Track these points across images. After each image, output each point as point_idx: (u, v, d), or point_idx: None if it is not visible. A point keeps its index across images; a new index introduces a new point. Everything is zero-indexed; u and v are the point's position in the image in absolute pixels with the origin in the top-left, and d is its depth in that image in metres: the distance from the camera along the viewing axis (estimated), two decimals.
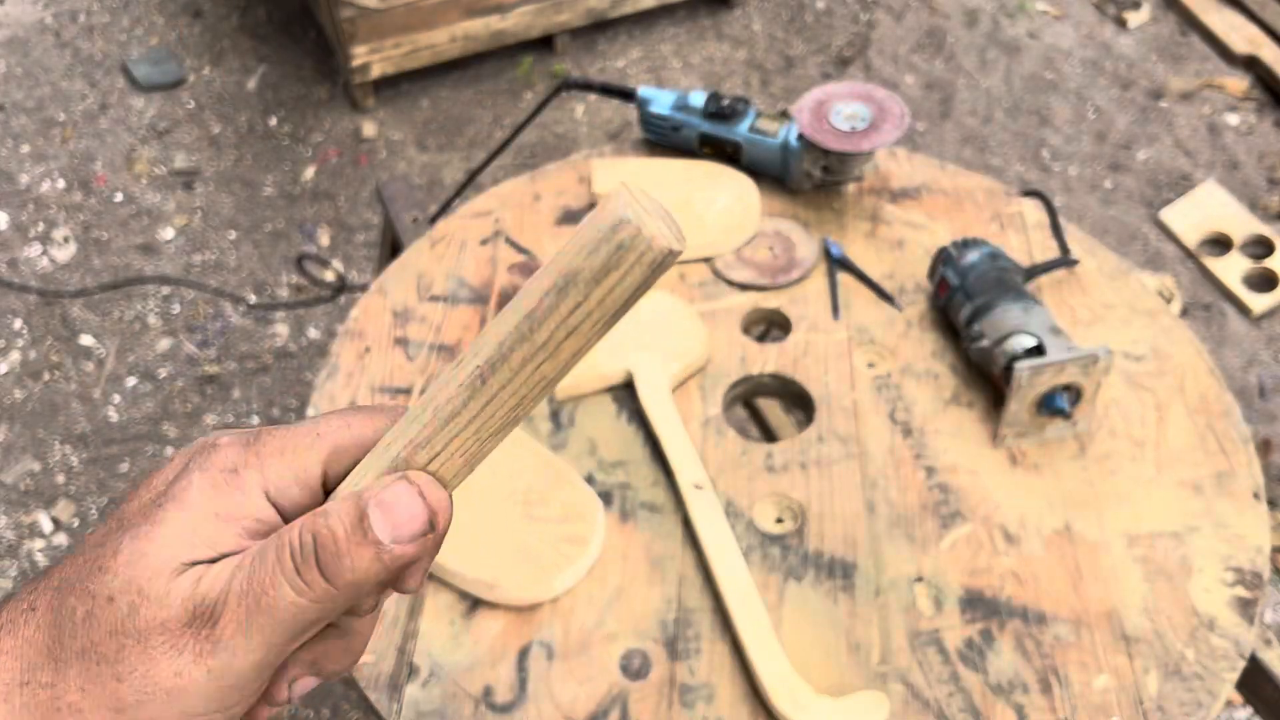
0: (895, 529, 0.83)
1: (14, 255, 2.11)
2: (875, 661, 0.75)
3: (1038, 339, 0.86)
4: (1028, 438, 0.88)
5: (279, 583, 0.31)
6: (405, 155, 2.29)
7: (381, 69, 2.28)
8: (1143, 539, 0.82)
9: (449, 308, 0.99)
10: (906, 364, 0.94)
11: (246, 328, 2.00)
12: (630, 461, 0.86)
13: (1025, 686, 0.74)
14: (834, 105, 1.02)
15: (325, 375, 0.93)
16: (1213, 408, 0.90)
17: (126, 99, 2.39)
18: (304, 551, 0.31)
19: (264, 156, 2.29)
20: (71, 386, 1.92)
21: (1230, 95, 2.37)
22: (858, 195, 1.07)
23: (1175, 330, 0.96)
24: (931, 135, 2.31)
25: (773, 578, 0.80)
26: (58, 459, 1.82)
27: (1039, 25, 2.54)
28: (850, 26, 2.53)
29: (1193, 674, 0.75)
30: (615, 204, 0.31)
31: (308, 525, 0.32)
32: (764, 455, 0.87)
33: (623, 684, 0.74)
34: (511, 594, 0.77)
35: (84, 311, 2.02)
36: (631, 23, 2.52)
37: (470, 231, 1.05)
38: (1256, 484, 0.85)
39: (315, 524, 0.32)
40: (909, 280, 1.00)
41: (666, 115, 1.08)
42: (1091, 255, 1.02)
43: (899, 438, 0.88)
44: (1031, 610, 0.78)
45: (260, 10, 2.58)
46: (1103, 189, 2.21)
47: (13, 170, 2.25)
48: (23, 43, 2.52)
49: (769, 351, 0.94)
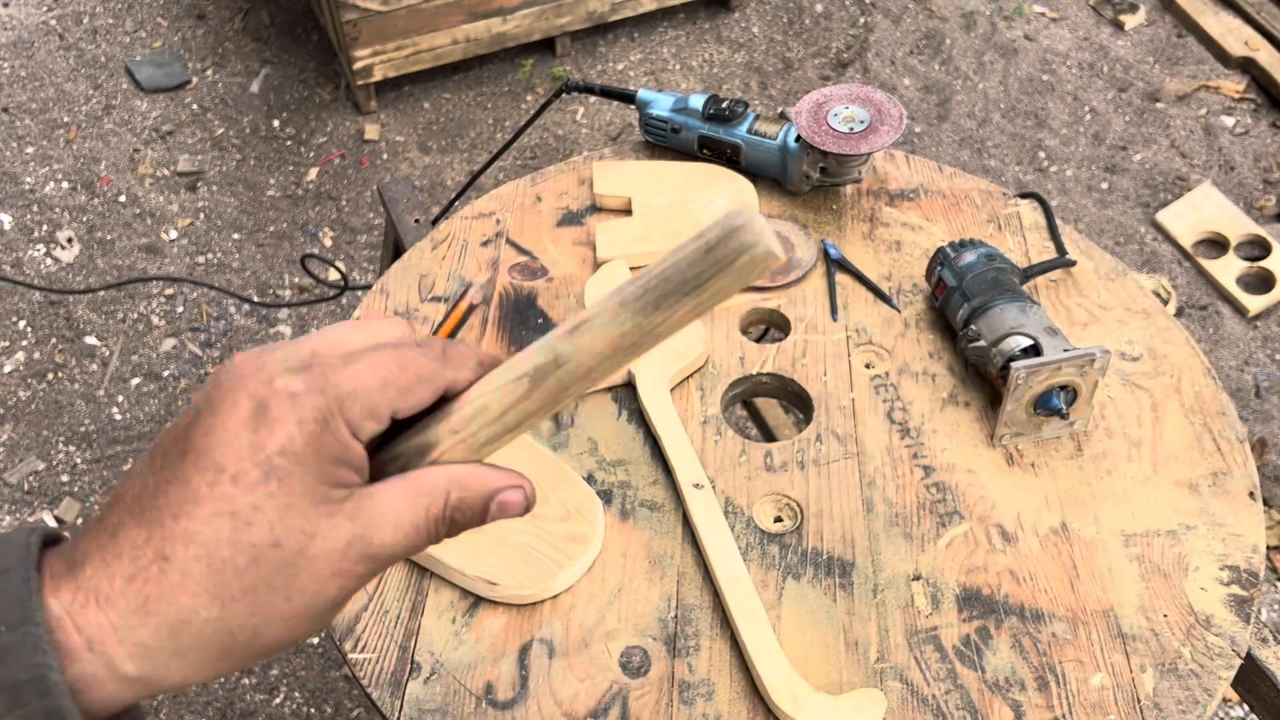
0: (893, 528, 0.83)
1: (18, 256, 2.11)
2: (873, 659, 0.76)
3: (1034, 339, 0.87)
4: (1024, 437, 0.88)
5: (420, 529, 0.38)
6: (407, 157, 2.30)
7: (384, 72, 2.28)
8: (1139, 538, 0.83)
9: (450, 308, 0.99)
10: (904, 364, 0.94)
11: (250, 328, 2.01)
12: (630, 460, 0.87)
13: (1022, 684, 0.75)
14: (832, 107, 1.02)
15: None
16: (1209, 407, 0.91)
17: (130, 101, 2.40)
18: (446, 516, 0.39)
19: (267, 158, 2.30)
20: (75, 386, 1.92)
21: (1226, 97, 2.37)
22: (856, 197, 1.08)
23: (1171, 331, 0.97)
24: (929, 137, 2.32)
25: (771, 576, 0.80)
26: (62, 458, 1.83)
27: (1036, 28, 2.54)
28: (848, 30, 2.54)
29: (1189, 672, 0.75)
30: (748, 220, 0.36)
31: (452, 501, 0.39)
32: (763, 454, 0.88)
33: (623, 681, 0.75)
34: (512, 592, 0.78)
35: (88, 312, 2.03)
36: (632, 26, 2.53)
37: (472, 233, 1.06)
38: (1252, 483, 0.86)
39: (458, 499, 0.39)
40: (906, 281, 1.01)
41: (666, 117, 1.09)
42: (1088, 256, 1.02)
43: (897, 437, 0.89)
44: (1029, 608, 0.79)
45: (263, 13, 2.59)
46: (1099, 190, 2.22)
47: (17, 172, 2.26)
48: (27, 45, 2.53)
49: (768, 352, 0.95)
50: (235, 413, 0.35)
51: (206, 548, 0.34)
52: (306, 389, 0.35)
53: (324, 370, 0.36)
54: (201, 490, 0.34)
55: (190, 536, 0.34)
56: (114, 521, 0.35)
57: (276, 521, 0.34)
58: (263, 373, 0.35)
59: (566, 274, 1.02)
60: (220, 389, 0.36)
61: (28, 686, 0.31)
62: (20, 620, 0.32)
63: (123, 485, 0.36)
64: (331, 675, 1.60)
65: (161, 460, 0.35)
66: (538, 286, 1.01)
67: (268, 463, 0.34)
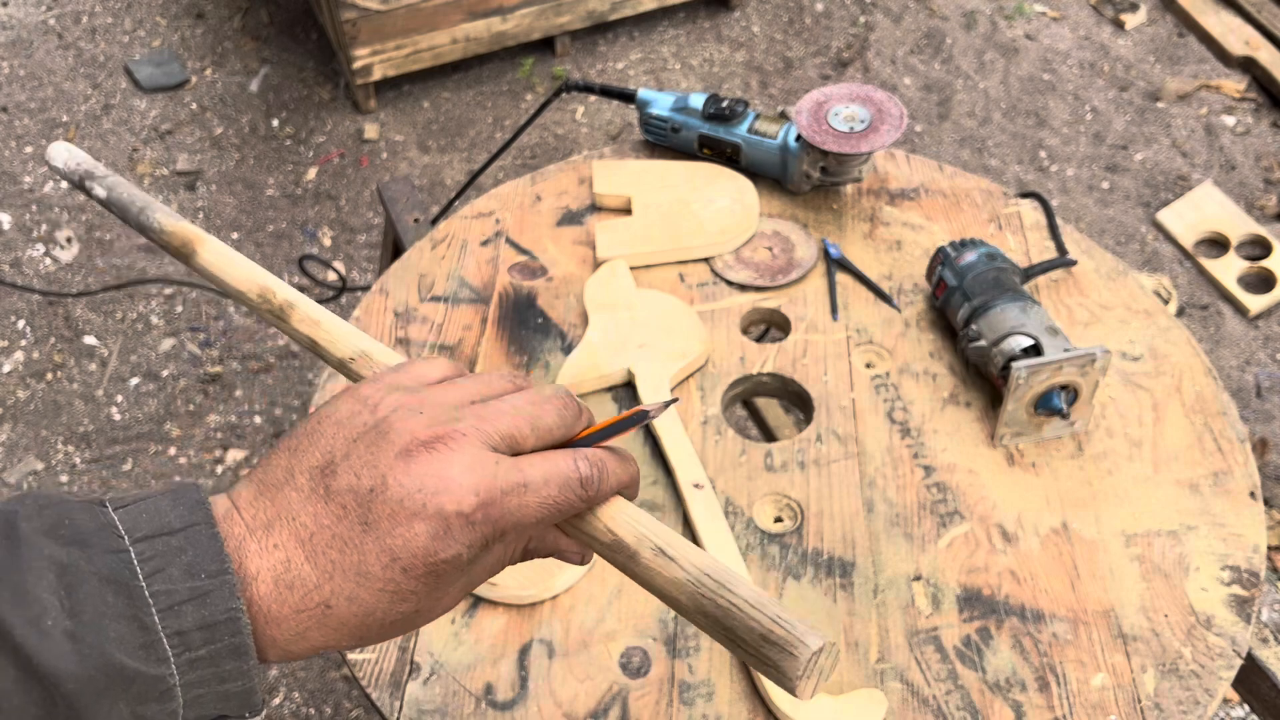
0: (893, 528, 0.83)
1: (17, 256, 2.11)
2: (873, 660, 0.76)
3: (1035, 339, 0.87)
4: (1025, 437, 0.88)
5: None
6: (407, 156, 2.30)
7: (383, 71, 2.28)
8: (1140, 538, 0.82)
9: (450, 308, 0.99)
10: (905, 364, 0.94)
11: (249, 327, 2.01)
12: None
13: (1023, 684, 0.75)
14: (833, 107, 1.02)
15: (327, 375, 0.94)
16: (1209, 407, 0.91)
17: (129, 100, 2.40)
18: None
19: (266, 158, 2.30)
20: (75, 386, 1.92)
21: (1227, 97, 2.37)
22: (856, 196, 1.08)
23: (1172, 330, 0.96)
24: (929, 136, 2.31)
25: (772, 576, 0.80)
26: (61, 459, 1.83)
27: (1037, 27, 2.54)
28: (849, 29, 2.53)
29: (1190, 672, 0.75)
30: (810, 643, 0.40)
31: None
32: (763, 454, 0.88)
33: (623, 682, 0.75)
34: (512, 592, 0.78)
35: (87, 312, 2.03)
36: (632, 25, 2.53)
37: (471, 232, 1.06)
38: (1253, 483, 0.86)
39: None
40: (907, 281, 1.01)
41: (666, 117, 1.09)
42: (1089, 256, 1.02)
43: (897, 437, 0.89)
44: (1029, 609, 0.79)
45: (262, 12, 2.59)
46: (1100, 190, 2.22)
47: (16, 171, 2.26)
48: (26, 44, 2.52)
49: (768, 351, 0.95)
50: (418, 521, 0.40)
51: (365, 609, 0.41)
52: (483, 518, 0.41)
53: (501, 490, 0.42)
54: (375, 569, 0.40)
55: (355, 598, 0.41)
56: (283, 542, 0.41)
57: (425, 597, 0.42)
58: (446, 475, 0.41)
59: (566, 273, 1.02)
60: (404, 484, 0.41)
61: (223, 625, 0.38)
62: (219, 570, 0.38)
63: (286, 498, 0.42)
64: (331, 676, 1.60)
65: (341, 512, 0.41)
66: (537, 286, 1.01)
67: (436, 568, 0.41)
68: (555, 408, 0.45)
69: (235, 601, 0.38)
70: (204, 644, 0.38)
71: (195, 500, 0.40)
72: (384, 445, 0.42)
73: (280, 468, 0.42)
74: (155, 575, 0.38)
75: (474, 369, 0.94)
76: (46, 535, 0.37)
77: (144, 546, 0.38)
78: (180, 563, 0.38)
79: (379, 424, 0.42)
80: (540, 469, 0.43)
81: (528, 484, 0.42)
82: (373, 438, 0.42)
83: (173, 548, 0.38)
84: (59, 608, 0.36)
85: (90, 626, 0.36)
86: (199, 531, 0.39)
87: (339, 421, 0.43)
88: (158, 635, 0.37)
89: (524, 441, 0.44)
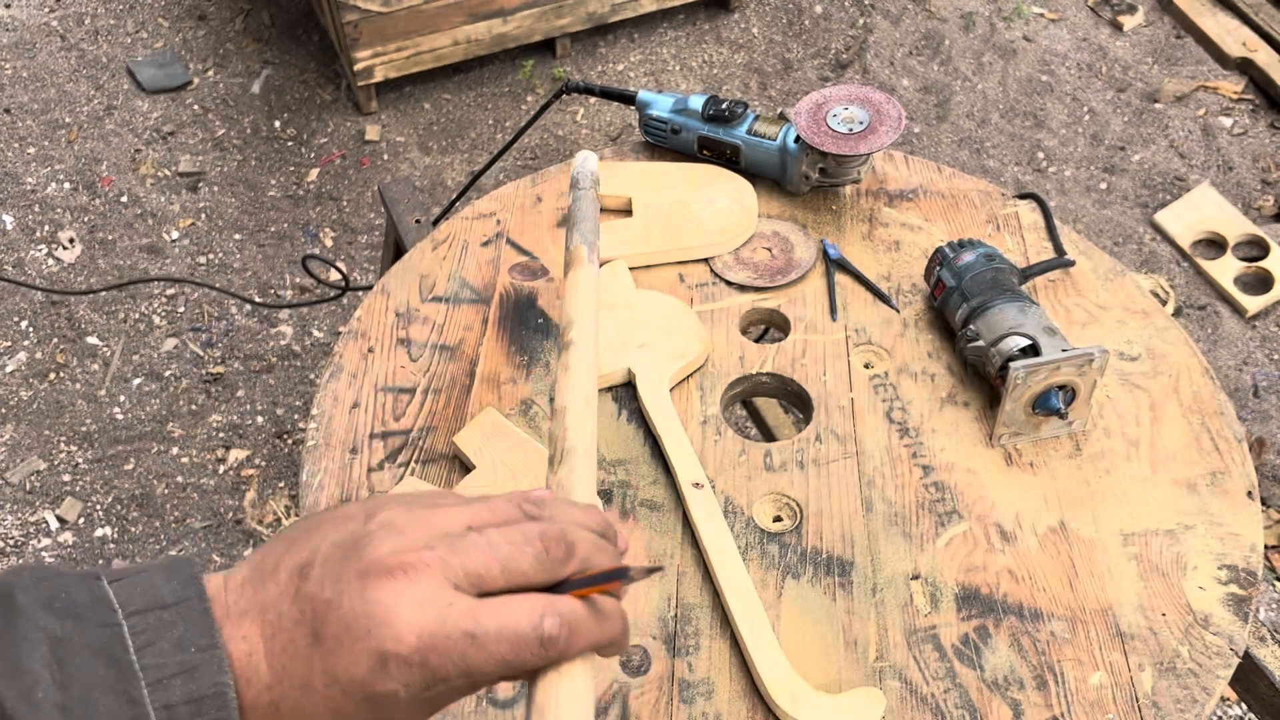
0: (892, 527, 0.84)
1: (20, 256, 2.12)
2: (872, 658, 0.76)
3: (1033, 339, 0.87)
4: (1023, 437, 0.89)
5: None
6: (408, 158, 2.30)
7: (384, 72, 2.29)
8: (1137, 537, 0.83)
9: (451, 308, 1.00)
10: (903, 364, 0.95)
11: (251, 328, 2.02)
12: (630, 460, 0.88)
13: (1021, 683, 0.75)
14: (831, 108, 1.03)
15: (329, 375, 0.95)
16: (1207, 407, 0.91)
17: (131, 102, 2.41)
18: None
19: (268, 159, 2.30)
20: (77, 386, 1.93)
21: (1224, 98, 2.38)
22: (855, 197, 1.09)
23: (1170, 331, 0.97)
24: (928, 138, 2.32)
25: (771, 575, 0.81)
26: (63, 458, 1.83)
27: (1035, 29, 2.55)
28: (848, 30, 2.54)
29: (1187, 671, 0.75)
30: None
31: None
32: (762, 454, 0.88)
33: (623, 680, 0.75)
34: None
35: (89, 312, 2.03)
36: (632, 27, 2.54)
37: (472, 233, 1.06)
38: (1250, 482, 0.86)
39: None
40: (905, 281, 1.01)
41: (666, 118, 1.10)
42: (1086, 256, 1.03)
43: (896, 437, 0.89)
44: (1027, 607, 0.79)
45: (264, 14, 2.59)
46: (1098, 191, 2.23)
47: (19, 172, 2.26)
48: (29, 46, 2.53)
49: (767, 351, 0.96)
50: (359, 647, 0.40)
51: (344, 693, 0.40)
52: (420, 662, 0.40)
53: (445, 636, 0.40)
54: (318, 686, 0.40)
55: (299, 708, 0.40)
56: (250, 634, 0.40)
57: (402, 712, 0.41)
58: (394, 607, 0.40)
59: None
60: (354, 607, 0.40)
61: (210, 700, 0.38)
62: (208, 645, 0.39)
63: (266, 591, 0.41)
64: None
65: (299, 617, 0.40)
66: (538, 286, 1.01)
67: (374, 698, 0.40)
68: (533, 552, 0.42)
69: (223, 676, 0.39)
70: (191, 717, 0.38)
71: (188, 575, 0.40)
72: (352, 560, 0.41)
73: (274, 556, 0.42)
74: (146, 649, 0.38)
75: (474, 369, 0.95)
76: (43, 607, 0.38)
77: (136, 620, 0.39)
78: (170, 636, 0.39)
79: (361, 537, 0.41)
80: (496, 620, 0.41)
81: (476, 635, 0.40)
82: (349, 548, 0.41)
83: (164, 621, 0.39)
84: (50, 681, 0.37)
85: (80, 700, 0.37)
86: (191, 606, 0.40)
87: (337, 521, 0.43)
88: (145, 709, 0.38)
89: (491, 583, 0.42)
